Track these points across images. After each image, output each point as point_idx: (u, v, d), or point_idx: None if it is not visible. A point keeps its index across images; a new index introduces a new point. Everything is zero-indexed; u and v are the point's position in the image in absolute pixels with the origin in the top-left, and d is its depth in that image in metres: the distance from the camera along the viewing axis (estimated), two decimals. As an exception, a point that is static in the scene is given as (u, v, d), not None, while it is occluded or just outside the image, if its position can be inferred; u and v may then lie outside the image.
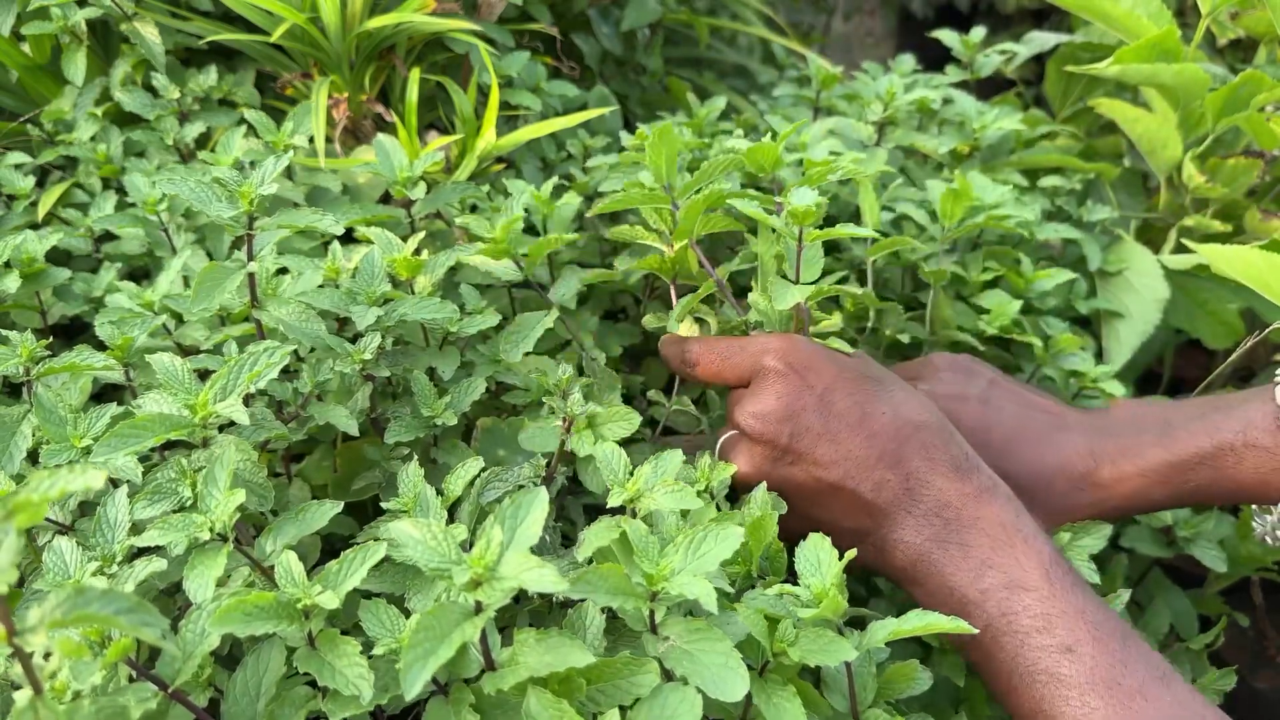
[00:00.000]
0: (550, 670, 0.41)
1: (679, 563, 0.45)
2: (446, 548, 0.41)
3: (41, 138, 0.90)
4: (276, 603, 0.44)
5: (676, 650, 0.44)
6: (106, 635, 0.44)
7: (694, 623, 0.46)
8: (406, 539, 0.41)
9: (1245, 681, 0.71)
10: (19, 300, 0.73)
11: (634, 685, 0.44)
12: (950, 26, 1.11)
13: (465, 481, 0.57)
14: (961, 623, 0.47)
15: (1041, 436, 0.66)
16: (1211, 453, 0.61)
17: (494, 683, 0.42)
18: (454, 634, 0.39)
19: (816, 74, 1.03)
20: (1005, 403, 0.68)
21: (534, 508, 0.42)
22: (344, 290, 0.63)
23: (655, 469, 0.53)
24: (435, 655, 0.38)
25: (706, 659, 0.44)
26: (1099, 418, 0.68)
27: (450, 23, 0.87)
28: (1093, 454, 0.65)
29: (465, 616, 0.40)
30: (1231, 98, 0.88)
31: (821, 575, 0.49)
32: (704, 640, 0.44)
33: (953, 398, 0.67)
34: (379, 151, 0.74)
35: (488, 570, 0.40)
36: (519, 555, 0.40)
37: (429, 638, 0.38)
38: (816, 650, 0.46)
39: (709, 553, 0.45)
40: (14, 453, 0.57)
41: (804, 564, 0.50)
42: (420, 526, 0.41)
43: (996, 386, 0.69)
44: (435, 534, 0.41)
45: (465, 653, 0.45)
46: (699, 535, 0.46)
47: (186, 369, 0.53)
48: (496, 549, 0.40)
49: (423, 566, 0.40)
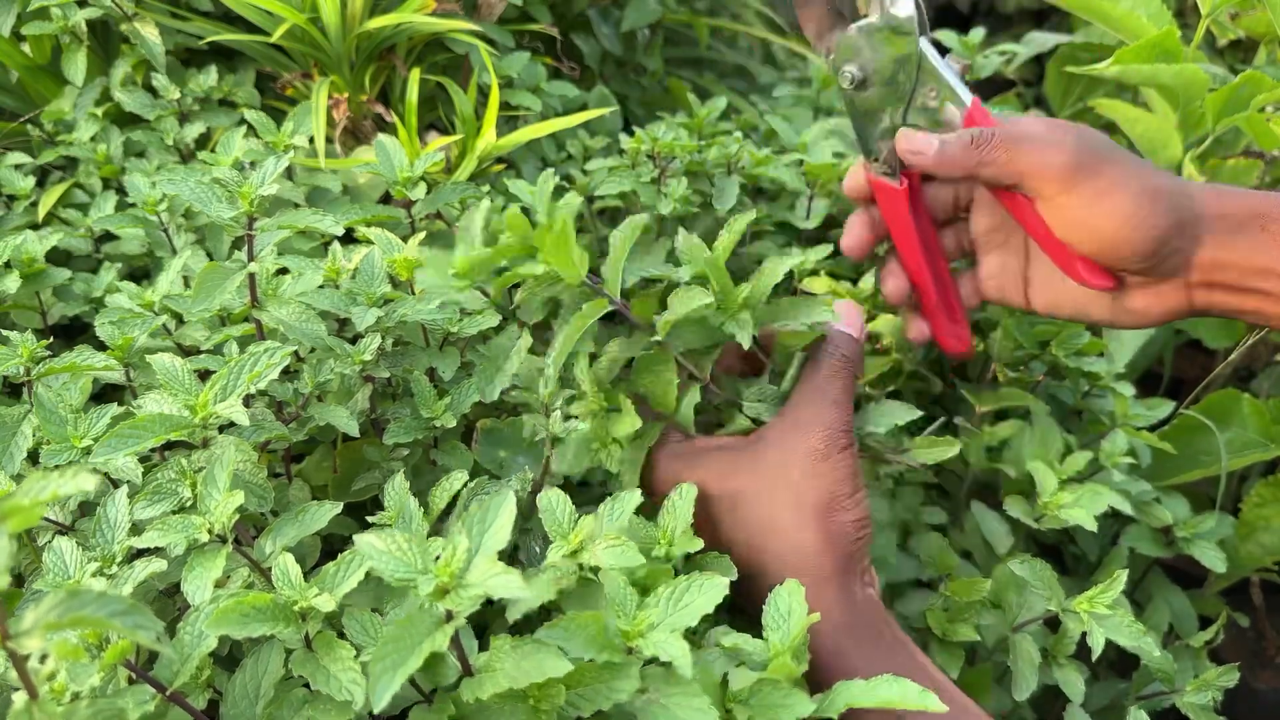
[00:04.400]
0: (528, 679, 0.41)
1: (658, 616, 0.44)
2: (413, 558, 0.40)
3: (41, 138, 0.90)
4: (273, 605, 0.44)
5: (654, 706, 0.43)
6: (105, 637, 0.44)
7: (671, 673, 0.44)
8: (372, 551, 0.40)
9: (1245, 682, 0.71)
10: (19, 300, 0.73)
11: (614, 690, 0.43)
12: (950, 27, 1.11)
13: (450, 494, 0.56)
14: (933, 698, 0.44)
15: (1160, 181, 0.59)
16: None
17: (472, 690, 0.42)
18: (424, 644, 0.38)
19: (817, 74, 1.03)
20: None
21: (501, 513, 0.41)
22: (344, 291, 0.63)
23: (606, 516, 0.51)
24: (404, 666, 0.37)
25: (682, 714, 0.42)
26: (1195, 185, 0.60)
27: (450, 23, 0.87)
28: (1192, 208, 0.58)
29: (436, 625, 0.39)
30: (1231, 98, 0.88)
31: (786, 630, 0.47)
32: (681, 695, 0.43)
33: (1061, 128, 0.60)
34: (379, 152, 0.74)
35: (454, 578, 0.39)
36: (486, 561, 0.39)
37: (398, 648, 0.38)
38: (768, 709, 0.44)
39: (691, 604, 0.44)
40: (14, 453, 0.57)
41: (772, 613, 0.47)
42: (385, 538, 0.41)
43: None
44: (401, 545, 0.40)
45: (442, 661, 0.44)
46: (682, 585, 0.45)
47: (187, 369, 0.53)
48: (463, 556, 0.40)
49: (387, 578, 0.40)
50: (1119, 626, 0.59)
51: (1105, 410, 0.81)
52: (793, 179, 0.85)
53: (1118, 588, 0.60)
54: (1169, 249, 0.57)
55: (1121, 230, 0.57)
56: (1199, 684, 0.68)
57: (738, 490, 0.55)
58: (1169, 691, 0.69)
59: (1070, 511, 0.64)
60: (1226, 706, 0.71)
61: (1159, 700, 0.70)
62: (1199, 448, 0.85)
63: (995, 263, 0.68)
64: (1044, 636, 0.66)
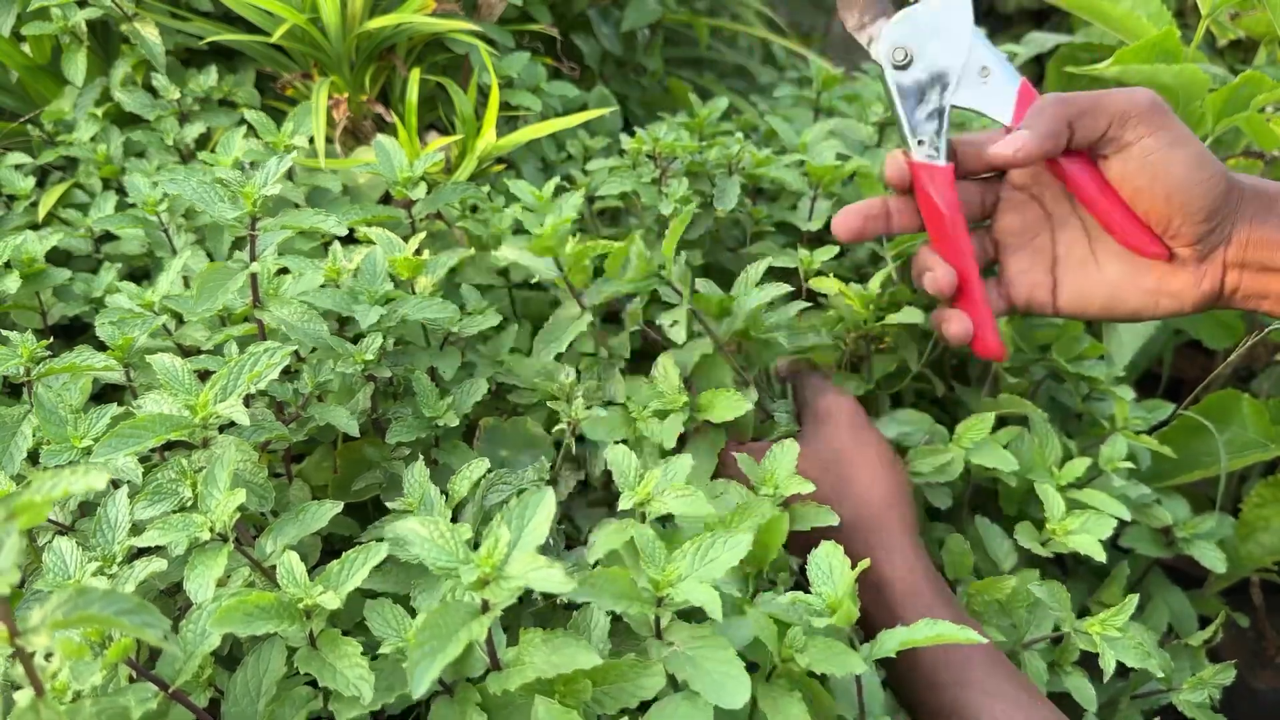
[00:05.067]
0: (557, 671, 0.41)
1: (686, 569, 0.45)
2: (454, 546, 0.41)
3: (42, 138, 0.90)
4: (277, 603, 0.44)
5: (680, 656, 0.44)
6: (107, 636, 0.44)
7: (699, 629, 0.45)
8: (414, 537, 0.41)
9: (1245, 682, 0.71)
10: (19, 300, 0.73)
11: (639, 688, 0.44)
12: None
13: (471, 482, 0.57)
14: (972, 633, 0.47)
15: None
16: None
17: (500, 683, 0.42)
18: (460, 633, 0.39)
19: (817, 75, 1.03)
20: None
21: (541, 508, 0.42)
22: (345, 290, 0.63)
23: (665, 473, 0.53)
24: (442, 653, 0.38)
25: (710, 666, 0.43)
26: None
27: (450, 23, 0.87)
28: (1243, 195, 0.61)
29: (472, 615, 0.40)
30: (1231, 98, 0.88)
31: (834, 584, 0.49)
32: (708, 647, 0.44)
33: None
34: (379, 152, 0.74)
35: (495, 569, 0.40)
36: (526, 555, 0.40)
37: (435, 636, 0.38)
38: (825, 660, 0.46)
39: (717, 559, 0.45)
40: (14, 453, 0.57)
41: (815, 571, 0.50)
42: (428, 525, 0.41)
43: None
44: (443, 532, 0.41)
45: (471, 652, 0.45)
46: (707, 541, 0.46)
47: (187, 369, 0.53)
48: (504, 548, 0.40)
49: (430, 565, 0.40)
50: (1128, 649, 0.61)
51: (1105, 413, 0.81)
52: (794, 179, 0.85)
53: (1128, 612, 0.62)
54: (1221, 214, 0.60)
55: (1192, 177, 0.59)
56: (1195, 682, 0.68)
57: (803, 468, 0.62)
58: (1166, 690, 0.69)
59: (1077, 539, 0.65)
60: (1226, 706, 0.71)
61: (1156, 699, 0.70)
62: (1199, 448, 0.85)
63: (1023, 261, 0.69)
64: (1049, 649, 0.66)
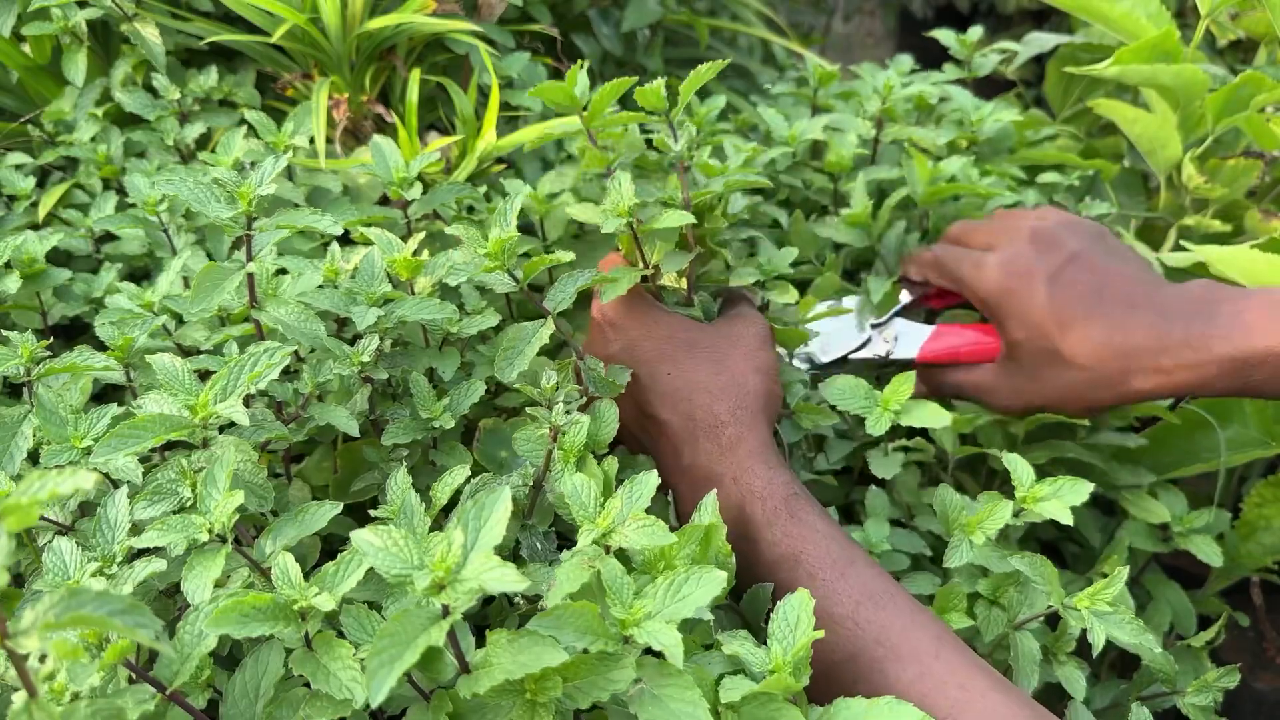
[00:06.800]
0: (525, 671, 0.40)
1: (655, 606, 0.44)
2: (409, 554, 0.40)
3: (42, 138, 0.90)
4: (273, 604, 0.44)
5: (646, 695, 0.43)
6: (105, 637, 0.44)
7: (665, 665, 0.44)
8: (369, 548, 0.40)
9: (1245, 682, 0.71)
10: (19, 301, 0.73)
11: (610, 681, 0.43)
12: (950, 27, 1.11)
13: (452, 489, 0.56)
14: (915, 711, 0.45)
15: (1107, 318, 0.67)
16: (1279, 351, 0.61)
17: (469, 686, 0.42)
18: (419, 639, 0.38)
19: (814, 72, 1.03)
20: (1078, 279, 0.69)
21: (497, 508, 0.41)
22: (344, 291, 0.62)
23: (627, 499, 0.51)
24: (400, 660, 0.37)
25: (674, 705, 0.43)
26: (1173, 299, 0.67)
27: (450, 23, 0.87)
28: (1159, 340, 0.65)
29: (431, 621, 0.39)
30: (1231, 98, 0.88)
31: (790, 642, 0.47)
32: (673, 686, 0.43)
33: (1018, 274, 0.70)
34: (375, 152, 0.74)
35: (449, 573, 0.39)
36: (482, 556, 0.39)
37: (395, 643, 0.38)
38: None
39: (689, 596, 0.44)
40: (14, 453, 0.57)
41: (779, 621, 0.48)
42: (381, 534, 0.40)
43: (1075, 262, 0.70)
44: (397, 541, 0.40)
45: (439, 657, 0.44)
46: (679, 578, 0.45)
47: (187, 369, 0.53)
48: (459, 551, 0.39)
49: (383, 573, 0.40)
50: (1120, 624, 0.59)
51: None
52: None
53: (1118, 584, 0.59)
54: (1113, 383, 0.68)
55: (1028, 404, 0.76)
56: (1199, 685, 0.67)
57: (695, 339, 0.67)
58: (1170, 692, 0.69)
59: (1047, 505, 0.62)
60: (1227, 707, 0.71)
61: (1160, 701, 0.70)
62: (1200, 443, 0.85)
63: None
64: (1044, 635, 0.65)
